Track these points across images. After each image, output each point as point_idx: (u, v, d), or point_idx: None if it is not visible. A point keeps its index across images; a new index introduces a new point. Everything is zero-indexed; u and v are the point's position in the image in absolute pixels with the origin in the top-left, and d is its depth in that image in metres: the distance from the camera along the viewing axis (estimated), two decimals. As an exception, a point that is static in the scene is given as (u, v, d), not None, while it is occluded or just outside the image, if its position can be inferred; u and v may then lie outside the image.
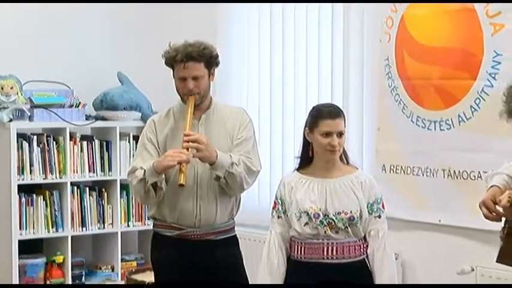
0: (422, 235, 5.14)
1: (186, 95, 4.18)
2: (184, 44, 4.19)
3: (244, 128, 4.27)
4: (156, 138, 4.26)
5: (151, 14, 6.58)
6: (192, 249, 4.21)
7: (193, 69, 4.15)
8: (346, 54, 5.54)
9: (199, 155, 4.03)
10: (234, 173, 4.08)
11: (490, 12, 4.68)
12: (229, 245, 4.31)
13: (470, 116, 4.83)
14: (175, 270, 4.25)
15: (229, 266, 4.28)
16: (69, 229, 6.14)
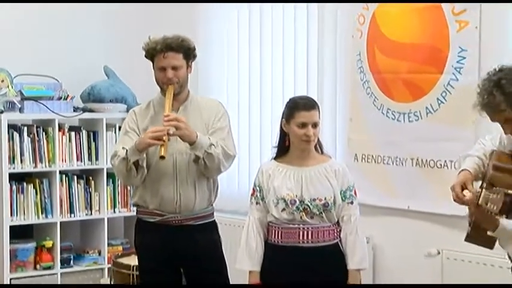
0: (392, 220, 5.16)
1: (165, 84, 4.19)
2: (163, 37, 4.22)
3: (219, 119, 4.28)
4: (137, 127, 4.27)
5: (135, 12, 6.57)
6: (173, 234, 4.22)
7: (172, 59, 4.17)
8: (321, 50, 5.55)
9: (179, 133, 4.03)
10: (212, 153, 4.09)
11: (455, 10, 4.70)
12: (209, 230, 4.33)
13: (437, 108, 4.85)
14: (158, 254, 4.26)
15: (208, 250, 4.29)
16: (58, 215, 6.13)
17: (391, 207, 5.12)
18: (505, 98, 3.13)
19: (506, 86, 3.13)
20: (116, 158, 4.17)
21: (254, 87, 6.04)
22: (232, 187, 5.98)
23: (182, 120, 4.06)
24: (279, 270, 3.88)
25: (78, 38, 6.45)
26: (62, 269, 6.16)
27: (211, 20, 6.31)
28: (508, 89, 3.12)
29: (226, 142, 4.21)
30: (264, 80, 5.97)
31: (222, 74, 6.29)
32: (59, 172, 6.14)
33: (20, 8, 6.18)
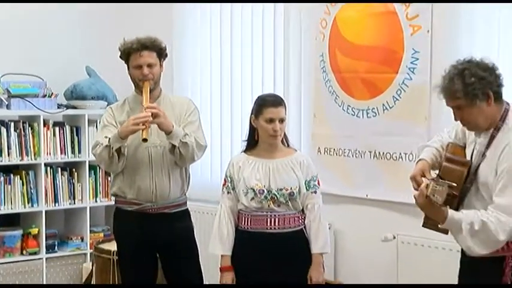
0: (352, 208, 5.16)
1: (141, 81, 4.21)
2: (137, 38, 4.25)
3: (190, 114, 4.31)
4: (115, 121, 4.29)
5: (115, 14, 6.54)
6: (149, 222, 4.23)
7: (147, 57, 4.20)
8: (287, 51, 5.54)
9: (157, 121, 4.05)
10: (187, 142, 4.11)
11: (409, 15, 4.71)
12: (182, 218, 4.35)
13: (392, 105, 4.86)
14: (135, 240, 4.28)
15: (182, 236, 4.32)
16: (43, 204, 6.12)
17: (351, 196, 5.12)
18: (463, 87, 3.18)
19: (467, 76, 3.18)
20: (98, 147, 4.18)
21: (225, 85, 6.02)
22: (205, 178, 5.98)
23: (160, 109, 4.09)
24: (249, 254, 3.91)
25: (61, 39, 6.44)
26: (47, 254, 6.15)
27: (185, 20, 6.29)
28: (468, 79, 3.17)
29: (197, 134, 4.24)
30: (235, 78, 5.95)
31: (195, 73, 6.26)
32: (44, 164, 6.12)
33: (6, 10, 6.15)
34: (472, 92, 3.17)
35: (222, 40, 6.03)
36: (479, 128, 3.31)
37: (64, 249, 6.30)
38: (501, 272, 3.26)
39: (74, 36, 6.50)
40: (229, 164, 4.08)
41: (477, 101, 3.19)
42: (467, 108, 3.21)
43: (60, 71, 6.33)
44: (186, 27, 6.29)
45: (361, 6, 4.99)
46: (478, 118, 3.24)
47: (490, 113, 3.24)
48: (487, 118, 3.25)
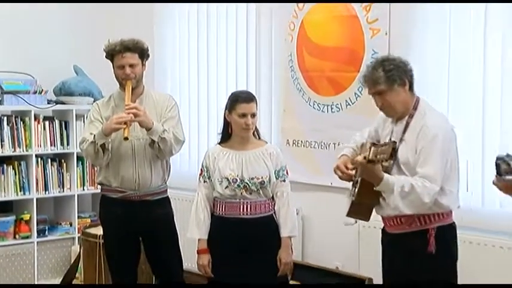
0: (318, 195, 5.17)
1: (124, 80, 4.20)
2: (120, 40, 4.23)
3: (170, 109, 4.30)
4: (101, 116, 4.27)
5: (100, 16, 6.52)
6: (133, 208, 4.23)
7: (130, 58, 4.18)
8: (258, 51, 5.55)
9: (138, 119, 4.05)
10: (165, 138, 4.11)
11: (369, 19, 4.74)
12: (163, 204, 4.35)
13: (354, 101, 4.89)
14: (120, 225, 4.27)
15: (163, 221, 4.32)
16: (34, 192, 6.09)
17: (317, 184, 5.14)
18: (384, 73, 3.38)
19: (387, 65, 3.40)
20: (85, 143, 4.17)
21: (202, 82, 6.01)
22: (183, 168, 5.99)
23: (140, 109, 4.08)
24: (223, 238, 3.91)
25: (50, 40, 6.41)
26: (38, 238, 6.13)
27: (165, 21, 6.26)
28: (387, 67, 3.39)
29: (176, 129, 4.23)
30: (211, 75, 5.94)
31: (175, 71, 6.24)
32: (35, 156, 6.10)
33: (4, 11, 6.14)
34: (391, 77, 3.38)
35: (199, 40, 6.01)
36: (396, 112, 3.46)
37: (54, 234, 6.28)
38: (426, 243, 3.35)
39: (63, 37, 6.47)
40: (205, 155, 4.08)
41: (395, 85, 3.39)
42: (387, 93, 3.40)
43: (50, 69, 6.30)
44: (166, 28, 6.27)
45: (326, 10, 5.00)
46: (396, 102, 3.42)
47: (405, 99, 3.43)
48: (403, 103, 3.43)
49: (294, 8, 5.19)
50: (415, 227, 3.40)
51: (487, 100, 4.20)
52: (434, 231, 3.36)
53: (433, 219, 3.38)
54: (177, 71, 6.23)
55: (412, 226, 3.40)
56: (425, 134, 3.32)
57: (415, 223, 3.39)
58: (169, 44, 6.24)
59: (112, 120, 4.06)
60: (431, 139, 3.30)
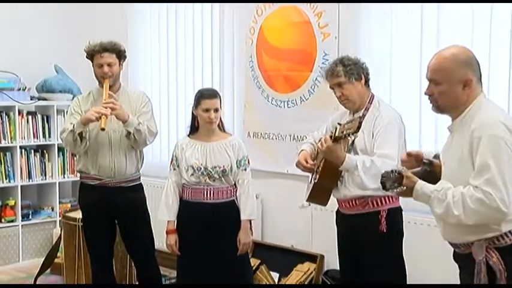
0: (276, 181, 5.19)
1: (102, 78, 4.17)
2: (100, 41, 4.20)
3: (144, 105, 4.29)
4: (80, 110, 4.24)
5: (79, 20, 6.47)
6: (109, 194, 4.22)
7: (108, 58, 4.15)
8: (222, 53, 5.55)
9: (115, 112, 4.04)
10: (140, 129, 4.11)
11: (320, 24, 4.77)
12: (136, 190, 4.34)
13: (308, 97, 4.92)
14: (97, 209, 4.26)
15: (136, 205, 4.31)
16: (18, 180, 6.07)
17: (274, 171, 5.16)
18: (343, 68, 3.47)
19: (346, 61, 3.49)
20: (65, 132, 4.15)
21: (172, 80, 5.99)
22: (155, 157, 5.96)
23: (117, 103, 4.07)
24: (190, 220, 3.92)
25: (33, 41, 6.34)
26: (22, 222, 6.11)
27: (138, 23, 6.21)
28: (346, 63, 3.49)
29: (149, 122, 4.23)
30: (179, 74, 5.92)
31: (146, 68, 6.18)
32: (19, 147, 6.07)
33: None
34: (350, 71, 3.47)
35: (168, 41, 5.98)
36: (353, 103, 3.51)
37: (37, 218, 6.25)
38: (378, 223, 3.39)
39: (44, 39, 6.41)
40: (175, 146, 4.08)
41: (353, 78, 3.47)
42: (346, 85, 3.47)
43: (32, 68, 6.24)
44: (138, 30, 6.21)
45: (282, 16, 5.03)
46: (353, 93, 3.49)
47: (361, 92, 3.50)
48: (359, 95, 3.50)
49: (253, 14, 5.20)
50: (368, 208, 3.43)
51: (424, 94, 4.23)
52: (385, 212, 3.40)
53: (384, 202, 3.41)
54: (149, 69, 6.19)
55: (366, 208, 3.43)
56: (381, 120, 3.38)
57: (368, 205, 3.42)
58: (141, 44, 6.18)
59: (90, 111, 4.04)
60: (387, 124, 3.35)
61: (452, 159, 2.67)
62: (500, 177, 2.48)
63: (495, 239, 2.58)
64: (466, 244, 2.66)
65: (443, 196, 2.57)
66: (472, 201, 2.50)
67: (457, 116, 2.69)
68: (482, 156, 2.51)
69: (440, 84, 2.65)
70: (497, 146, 2.50)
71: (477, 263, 2.59)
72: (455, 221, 2.57)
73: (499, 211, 2.49)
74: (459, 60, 2.64)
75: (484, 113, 2.60)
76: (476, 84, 2.65)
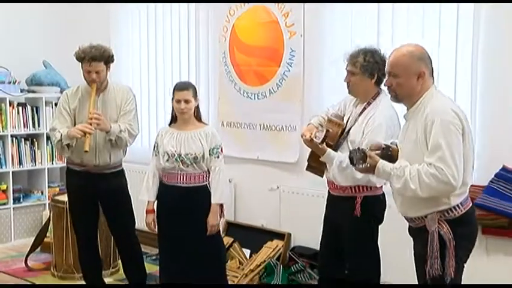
0: (247, 166, 5.19)
1: (90, 83, 4.10)
2: (89, 46, 4.09)
3: (128, 103, 4.20)
4: (69, 106, 4.17)
5: (67, 18, 6.40)
6: (93, 179, 4.17)
7: (95, 66, 4.05)
8: (198, 49, 5.53)
9: (99, 127, 4.00)
10: (121, 137, 4.08)
11: (287, 23, 4.78)
12: (118, 176, 4.29)
13: (276, 90, 4.92)
14: (82, 193, 4.22)
15: (117, 189, 4.27)
16: (10, 166, 6.01)
17: (246, 158, 5.16)
18: (362, 61, 3.35)
19: (368, 56, 3.36)
20: (54, 138, 4.09)
21: (152, 74, 5.93)
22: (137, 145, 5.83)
23: (101, 118, 4.01)
24: (166, 202, 3.90)
25: (23, 38, 6.27)
26: (14, 204, 6.07)
27: (120, 20, 6.14)
28: (368, 58, 3.36)
29: (132, 124, 4.16)
30: (159, 69, 5.87)
31: (128, 63, 6.10)
32: (10, 135, 6.01)
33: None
34: (366, 67, 3.36)
35: (148, 38, 5.92)
36: (355, 94, 3.46)
37: (27, 201, 6.20)
38: (353, 207, 3.40)
39: (33, 35, 6.34)
40: (157, 134, 4.05)
41: (366, 75, 3.37)
42: (358, 76, 3.38)
43: (22, 63, 6.17)
44: (120, 28, 6.14)
45: (253, 16, 5.02)
46: (359, 86, 3.41)
47: (367, 88, 3.40)
48: (364, 90, 3.41)
49: (226, 13, 5.18)
50: (347, 193, 3.42)
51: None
52: (360, 199, 3.38)
53: (362, 190, 3.39)
54: (130, 64, 6.11)
55: (346, 192, 3.43)
56: (372, 121, 3.31)
57: (347, 190, 3.42)
58: (124, 40, 6.10)
59: (77, 128, 3.99)
60: (377, 126, 3.29)
61: (408, 142, 2.82)
62: (451, 155, 2.65)
63: (445, 212, 2.75)
64: (420, 217, 2.82)
65: (401, 173, 2.74)
66: (427, 176, 2.66)
67: (411, 105, 2.84)
68: (434, 138, 2.67)
69: (398, 76, 2.81)
70: (448, 129, 2.66)
71: (430, 233, 2.74)
72: (412, 194, 2.73)
73: (450, 184, 2.66)
74: (414, 55, 2.80)
75: (435, 101, 2.77)
76: (429, 77, 2.82)
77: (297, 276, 4.57)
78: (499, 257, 3.74)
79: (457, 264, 2.72)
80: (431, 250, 2.73)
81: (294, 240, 4.87)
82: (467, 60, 3.96)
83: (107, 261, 4.96)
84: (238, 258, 4.99)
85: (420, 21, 4.13)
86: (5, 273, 5.14)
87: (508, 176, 3.79)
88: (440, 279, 2.72)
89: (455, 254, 2.71)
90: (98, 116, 4.01)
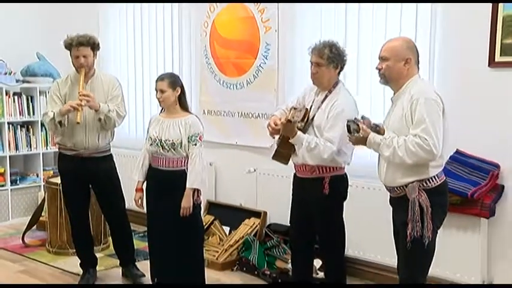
0: (227, 151, 5.18)
1: (79, 67, 4.07)
2: (77, 35, 4.08)
3: (115, 89, 4.19)
4: (59, 92, 4.15)
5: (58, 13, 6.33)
6: (83, 162, 4.15)
7: (83, 50, 4.04)
8: (181, 43, 5.48)
9: (88, 104, 3.97)
10: (110, 116, 4.04)
11: (263, 19, 4.76)
12: (107, 160, 4.27)
13: (253, 81, 4.91)
14: (73, 176, 4.20)
15: (106, 172, 4.25)
16: (7, 151, 5.95)
17: (226, 143, 5.16)
18: (328, 53, 3.43)
19: (334, 49, 3.47)
20: (47, 117, 4.05)
21: (138, 67, 5.89)
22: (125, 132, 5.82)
23: (91, 96, 3.99)
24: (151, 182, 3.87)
25: (18, 31, 6.19)
26: (11, 186, 6.03)
27: (108, 17, 6.08)
28: (334, 50, 3.46)
29: (119, 105, 4.15)
30: (145, 61, 5.82)
31: (116, 57, 6.06)
32: (7, 123, 5.95)
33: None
34: (332, 58, 3.45)
35: (135, 33, 5.88)
36: (320, 83, 3.51)
37: (24, 183, 6.16)
38: (322, 187, 3.45)
39: (28, 29, 6.26)
40: (149, 120, 4.00)
41: (331, 65, 3.46)
42: (323, 67, 3.45)
43: (17, 55, 6.10)
44: (109, 24, 6.10)
45: (231, 12, 4.99)
46: (325, 76, 3.49)
47: (331, 78, 3.50)
48: (329, 79, 3.50)
49: (207, 10, 5.15)
50: (315, 174, 3.47)
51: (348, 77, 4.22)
52: (328, 179, 3.45)
53: (328, 170, 3.45)
54: (118, 58, 6.07)
55: (313, 174, 3.47)
56: (335, 107, 3.39)
57: (315, 172, 3.46)
58: (112, 35, 6.06)
59: (68, 103, 3.97)
60: (339, 112, 3.36)
61: (395, 119, 2.96)
62: (433, 128, 2.81)
63: (424, 182, 2.91)
64: (402, 187, 2.96)
65: (390, 142, 2.89)
66: (412, 145, 2.82)
67: (398, 88, 3.00)
68: (419, 113, 2.82)
69: (388, 59, 2.96)
70: (431, 106, 2.83)
71: (411, 200, 2.90)
72: (399, 161, 2.88)
73: (431, 153, 2.82)
74: (405, 44, 2.99)
75: (419, 85, 2.95)
76: (414, 65, 2.98)
77: (272, 251, 4.60)
78: (452, 230, 3.80)
79: (433, 229, 2.89)
80: (412, 215, 2.88)
81: (270, 218, 4.89)
82: (425, 53, 3.97)
83: (98, 238, 4.95)
84: (218, 235, 5.00)
85: (383, 16, 4.14)
86: (4, 249, 5.11)
87: (461, 158, 3.84)
88: (419, 240, 2.87)
89: (432, 219, 2.87)
90: (87, 93, 3.99)
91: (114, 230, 4.44)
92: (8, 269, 4.67)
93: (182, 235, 3.79)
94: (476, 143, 3.80)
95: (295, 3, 4.59)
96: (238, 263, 4.62)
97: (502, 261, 3.79)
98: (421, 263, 2.95)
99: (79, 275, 4.39)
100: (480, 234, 3.76)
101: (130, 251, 4.45)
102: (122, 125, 5.60)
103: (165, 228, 3.79)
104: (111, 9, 6.06)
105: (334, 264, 3.65)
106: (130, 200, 4.11)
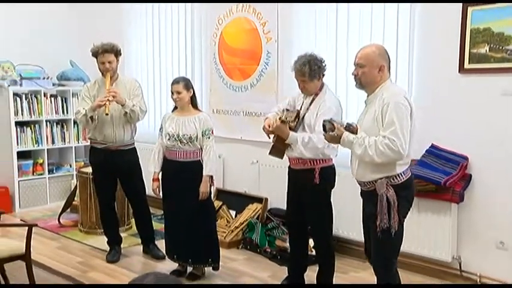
0: (233, 145, 5.16)
1: (104, 71, 4.08)
2: (101, 43, 4.10)
3: (136, 89, 4.21)
4: (89, 93, 4.16)
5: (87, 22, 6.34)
6: (111, 155, 4.16)
7: (108, 57, 4.05)
8: (193, 51, 5.47)
9: (115, 99, 3.99)
10: (134, 110, 4.06)
11: (265, 31, 4.75)
12: (131, 153, 4.28)
13: (256, 84, 4.89)
14: (102, 167, 4.21)
15: (131, 163, 4.26)
16: (45, 144, 5.98)
17: (232, 138, 5.14)
18: (309, 71, 3.36)
19: (313, 64, 3.37)
20: (79, 114, 4.07)
21: (156, 70, 5.86)
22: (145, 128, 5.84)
23: (117, 92, 4.00)
24: (168, 173, 3.85)
25: (54, 42, 6.24)
26: (49, 175, 6.04)
27: (130, 30, 6.05)
28: (313, 65, 3.37)
29: (141, 102, 4.16)
30: (162, 65, 5.79)
31: (137, 60, 6.02)
32: (45, 120, 5.97)
33: (24, 12, 5.99)
34: (313, 73, 3.38)
35: (153, 41, 5.84)
36: (309, 92, 3.46)
37: (59, 172, 6.17)
38: (313, 177, 3.41)
39: (63, 40, 6.30)
40: (162, 118, 4.00)
41: (315, 79, 3.40)
42: (308, 82, 3.39)
43: (53, 62, 6.14)
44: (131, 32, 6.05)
45: (237, 25, 4.97)
46: (311, 87, 3.42)
47: (317, 85, 3.43)
48: (315, 88, 3.43)
49: (216, 22, 5.14)
50: (307, 166, 3.42)
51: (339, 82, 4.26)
52: (318, 170, 3.41)
53: (318, 162, 3.41)
54: (139, 61, 6.02)
55: (305, 165, 3.43)
56: (324, 105, 3.35)
57: (307, 164, 3.42)
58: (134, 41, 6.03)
59: (97, 100, 3.99)
60: (327, 108, 3.32)
61: (367, 121, 2.84)
62: (401, 130, 2.70)
63: (391, 178, 2.79)
64: (371, 182, 2.84)
65: (362, 141, 2.77)
66: (382, 145, 2.70)
67: (371, 92, 2.88)
68: (389, 116, 2.71)
69: (364, 66, 2.84)
70: (400, 110, 2.71)
71: (380, 195, 2.78)
72: (369, 159, 2.76)
73: (399, 153, 2.70)
74: (378, 52, 2.85)
75: (391, 89, 2.83)
76: (387, 71, 2.87)
77: (273, 232, 4.59)
78: (428, 214, 3.79)
79: (399, 220, 2.79)
80: (380, 208, 2.77)
81: (270, 203, 4.88)
82: (405, 59, 3.96)
83: (123, 220, 4.96)
84: (226, 218, 5.00)
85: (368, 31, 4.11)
86: (43, 228, 5.13)
87: (436, 151, 3.83)
88: (387, 231, 2.78)
89: (398, 212, 2.77)
90: (114, 90, 4.00)
91: (136, 213, 4.45)
92: (47, 245, 4.70)
93: (200, 215, 3.79)
94: (449, 138, 3.79)
95: (293, 17, 4.57)
96: (243, 242, 4.62)
97: (468, 240, 3.79)
98: (391, 249, 2.86)
99: (106, 251, 4.41)
100: (451, 217, 3.75)
101: (150, 231, 4.46)
102: (143, 122, 5.68)
103: (184, 211, 3.78)
104: (133, 24, 6.04)
105: (323, 242, 3.63)
106: (150, 187, 4.13)
